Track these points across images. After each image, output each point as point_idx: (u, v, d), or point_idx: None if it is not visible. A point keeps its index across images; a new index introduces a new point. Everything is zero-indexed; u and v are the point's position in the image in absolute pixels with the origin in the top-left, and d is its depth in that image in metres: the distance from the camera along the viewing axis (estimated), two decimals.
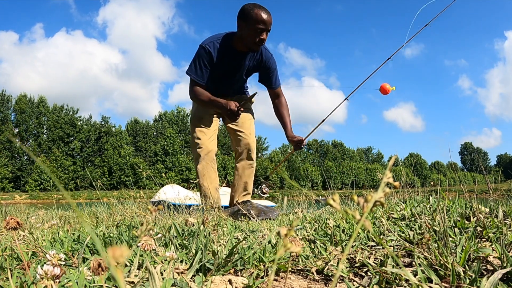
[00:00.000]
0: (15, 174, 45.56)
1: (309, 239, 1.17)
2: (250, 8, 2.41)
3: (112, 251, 0.27)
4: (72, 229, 1.60)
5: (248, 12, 2.40)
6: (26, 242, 1.21)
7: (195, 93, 2.57)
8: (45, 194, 40.41)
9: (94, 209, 2.34)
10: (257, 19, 2.37)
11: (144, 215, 1.95)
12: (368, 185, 43.25)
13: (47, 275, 0.63)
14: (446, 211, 1.32)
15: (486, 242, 0.99)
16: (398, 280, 0.79)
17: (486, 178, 1.66)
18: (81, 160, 48.76)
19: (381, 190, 0.34)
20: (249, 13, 2.40)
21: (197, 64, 2.53)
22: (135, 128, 54.22)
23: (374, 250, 1.03)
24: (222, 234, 1.30)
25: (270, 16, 2.42)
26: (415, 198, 1.74)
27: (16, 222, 0.74)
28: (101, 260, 0.56)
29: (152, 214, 0.57)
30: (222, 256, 0.90)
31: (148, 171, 3.55)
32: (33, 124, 48.20)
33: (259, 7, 2.42)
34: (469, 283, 0.73)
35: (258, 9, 2.39)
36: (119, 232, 1.24)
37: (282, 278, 0.90)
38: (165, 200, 3.30)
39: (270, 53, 2.70)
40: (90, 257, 0.98)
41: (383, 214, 1.40)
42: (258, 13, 2.37)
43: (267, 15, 2.39)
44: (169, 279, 0.71)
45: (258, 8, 2.40)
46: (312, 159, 63.91)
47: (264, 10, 2.41)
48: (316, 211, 2.05)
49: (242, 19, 2.45)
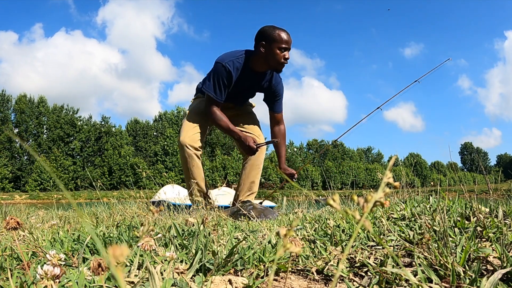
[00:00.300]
0: (15, 174, 45.56)
1: (309, 239, 1.17)
2: (271, 29, 2.53)
3: (113, 250, 0.27)
4: (72, 229, 1.60)
5: (271, 33, 2.51)
6: (26, 242, 1.21)
7: (214, 116, 2.58)
8: (45, 194, 40.41)
9: (94, 209, 2.34)
10: (281, 39, 2.49)
11: (144, 215, 1.95)
12: (368, 185, 43.25)
13: (47, 275, 0.63)
14: (446, 211, 1.32)
15: (486, 242, 0.99)
16: (398, 280, 0.79)
17: (486, 178, 1.66)
18: (81, 160, 48.76)
19: (381, 190, 0.34)
20: (272, 34, 2.51)
21: (216, 82, 2.54)
22: (135, 128, 54.22)
23: (374, 250, 1.03)
24: (222, 234, 1.30)
25: (290, 36, 2.54)
26: (415, 198, 1.74)
27: (16, 222, 0.74)
28: (101, 260, 0.56)
29: (154, 215, 0.57)
30: (222, 256, 0.90)
31: (148, 171, 3.55)
32: (33, 124, 48.20)
33: (280, 28, 2.55)
34: (469, 283, 0.73)
35: (279, 30, 2.52)
36: (119, 232, 1.24)
37: (282, 278, 0.90)
38: (165, 200, 3.30)
39: (280, 78, 2.78)
40: (90, 257, 0.98)
41: (383, 214, 1.40)
42: (280, 33, 2.50)
43: (288, 35, 2.52)
44: (169, 279, 0.71)
45: (279, 29, 2.52)
46: (312, 159, 63.89)
47: (285, 31, 2.53)
48: (316, 211, 2.05)
49: (264, 40, 2.54)
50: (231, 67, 2.52)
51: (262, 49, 2.53)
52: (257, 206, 2.44)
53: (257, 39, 2.56)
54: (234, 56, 2.57)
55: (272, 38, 2.50)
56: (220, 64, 2.52)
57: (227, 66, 2.50)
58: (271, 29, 2.52)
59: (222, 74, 2.52)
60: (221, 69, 2.51)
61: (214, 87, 2.54)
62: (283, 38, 2.48)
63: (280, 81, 2.78)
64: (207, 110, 2.61)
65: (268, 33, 2.52)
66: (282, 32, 2.50)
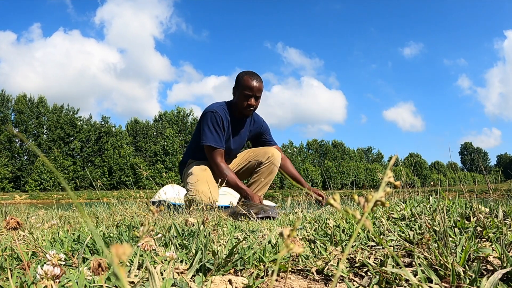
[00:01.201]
0: (15, 174, 45.57)
1: (309, 239, 1.17)
2: (241, 75, 2.58)
3: (115, 249, 0.27)
4: (72, 229, 1.60)
5: (238, 79, 2.57)
6: (26, 242, 1.21)
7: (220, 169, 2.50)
8: (45, 194, 40.42)
9: (94, 209, 2.34)
10: (244, 85, 2.52)
11: (144, 215, 1.95)
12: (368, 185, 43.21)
13: (47, 275, 0.63)
14: (446, 211, 1.32)
15: (486, 242, 0.99)
16: (398, 280, 0.79)
17: (486, 178, 1.66)
18: (81, 160, 48.78)
19: (381, 189, 0.34)
20: (239, 79, 2.56)
21: (212, 129, 2.52)
22: (135, 128, 54.23)
23: (374, 250, 1.03)
24: (222, 234, 1.30)
25: (258, 82, 2.53)
26: (415, 198, 1.74)
27: (16, 222, 0.74)
28: (101, 260, 0.56)
29: (154, 215, 0.57)
30: (222, 256, 0.90)
31: (148, 171, 3.54)
32: (33, 124, 48.19)
33: (249, 74, 2.56)
34: (469, 283, 0.73)
35: (247, 76, 2.53)
36: (119, 232, 1.24)
37: (282, 278, 0.90)
38: (165, 200, 3.29)
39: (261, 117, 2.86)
40: (90, 257, 0.98)
41: (383, 214, 1.40)
42: (246, 79, 2.52)
43: (255, 82, 2.52)
44: (169, 279, 0.71)
45: (248, 75, 2.54)
46: (312, 159, 63.90)
47: (253, 77, 2.53)
48: (316, 211, 2.05)
49: (235, 86, 2.61)
50: (221, 112, 2.54)
51: (233, 94, 2.61)
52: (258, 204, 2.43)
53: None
54: (219, 104, 2.62)
55: (239, 83, 2.55)
56: (210, 112, 2.53)
57: (217, 111, 2.53)
58: (241, 74, 2.57)
59: (215, 120, 2.52)
60: (212, 115, 2.52)
61: (212, 134, 2.51)
62: (247, 84, 2.51)
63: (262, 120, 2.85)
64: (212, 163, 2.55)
65: (238, 79, 2.58)
66: (249, 77, 2.52)
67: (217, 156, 2.52)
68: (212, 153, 2.52)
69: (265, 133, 2.87)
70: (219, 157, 2.53)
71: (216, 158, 2.52)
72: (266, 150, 2.79)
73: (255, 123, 2.81)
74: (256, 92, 2.52)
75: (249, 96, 2.52)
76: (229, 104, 2.64)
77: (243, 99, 2.53)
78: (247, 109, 2.55)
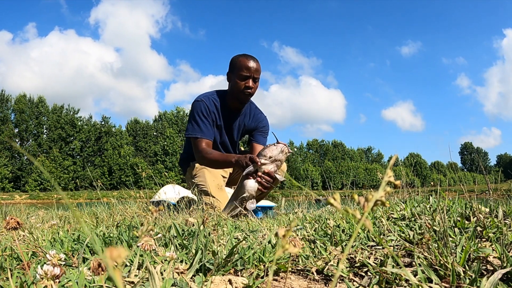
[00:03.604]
0: (15, 174, 45.58)
1: (309, 239, 1.17)
2: (236, 57, 2.39)
3: (110, 252, 0.26)
4: (72, 229, 1.60)
5: (234, 61, 2.37)
6: (26, 242, 1.21)
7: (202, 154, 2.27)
8: (45, 194, 40.43)
9: (94, 209, 2.34)
10: (240, 65, 2.31)
11: (144, 215, 1.94)
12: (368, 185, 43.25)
13: (47, 275, 0.63)
14: (446, 211, 1.32)
15: (486, 242, 0.99)
16: (398, 280, 0.79)
17: (486, 178, 1.66)
18: (81, 160, 48.79)
19: (381, 189, 0.34)
20: (235, 62, 2.36)
21: (198, 119, 2.34)
22: (135, 128, 54.25)
23: (374, 250, 1.03)
24: (222, 234, 1.30)
25: (255, 63, 2.33)
26: (415, 198, 1.74)
27: (16, 222, 0.74)
28: (101, 260, 0.56)
29: (153, 214, 0.57)
30: (222, 256, 0.90)
31: (148, 171, 3.54)
32: (33, 124, 48.21)
33: (245, 55, 2.37)
34: (469, 283, 0.73)
35: (242, 57, 2.35)
36: (119, 232, 1.24)
37: (282, 278, 0.90)
38: (165, 200, 3.29)
39: (263, 115, 2.63)
40: (90, 257, 0.98)
41: (383, 214, 1.40)
42: (242, 59, 2.33)
43: (252, 61, 2.32)
44: (169, 279, 0.71)
45: (243, 56, 2.36)
46: (312, 159, 63.92)
47: (250, 57, 2.34)
48: (316, 211, 2.04)
49: (229, 70, 2.41)
50: (207, 101, 2.38)
51: (228, 80, 2.42)
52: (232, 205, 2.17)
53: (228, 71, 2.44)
54: (209, 93, 2.46)
55: (235, 66, 2.36)
56: (195, 102, 2.39)
57: (203, 100, 2.37)
58: (236, 57, 2.39)
59: (200, 108, 2.35)
60: (197, 104, 2.37)
61: (198, 126, 2.33)
62: (244, 64, 2.30)
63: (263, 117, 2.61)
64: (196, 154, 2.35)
65: (232, 62, 2.39)
66: (245, 58, 2.33)
67: (201, 144, 2.31)
68: (196, 143, 2.34)
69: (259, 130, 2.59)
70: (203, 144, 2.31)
71: (200, 146, 2.31)
72: None
73: (254, 118, 2.57)
74: (254, 72, 2.31)
75: (247, 77, 2.30)
76: (220, 93, 2.46)
77: (239, 82, 2.31)
78: (244, 92, 2.32)
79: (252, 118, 2.58)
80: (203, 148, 2.31)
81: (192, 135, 2.35)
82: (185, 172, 2.69)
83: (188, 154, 2.66)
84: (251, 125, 2.59)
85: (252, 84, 2.33)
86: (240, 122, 2.54)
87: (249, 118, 2.57)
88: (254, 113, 2.60)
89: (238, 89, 2.33)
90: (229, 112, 2.47)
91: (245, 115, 2.55)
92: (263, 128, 2.61)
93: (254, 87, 2.36)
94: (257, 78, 2.35)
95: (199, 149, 2.32)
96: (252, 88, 2.34)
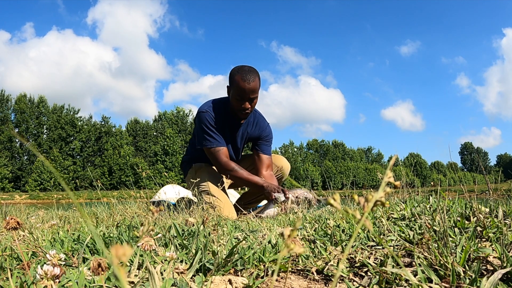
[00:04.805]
0: (15, 174, 45.60)
1: (309, 239, 1.17)
2: (234, 72, 2.32)
3: (115, 250, 0.26)
4: (72, 229, 1.60)
5: (231, 77, 2.33)
6: (26, 242, 1.21)
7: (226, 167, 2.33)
8: (45, 194, 40.42)
9: (94, 209, 2.34)
10: (237, 87, 2.27)
11: (144, 215, 1.95)
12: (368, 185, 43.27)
13: (47, 275, 0.63)
14: (446, 211, 1.32)
15: (486, 242, 0.99)
16: (398, 280, 0.79)
17: (486, 178, 1.66)
18: (81, 160, 48.80)
19: (381, 189, 0.34)
20: (232, 78, 2.32)
21: (208, 130, 2.36)
22: (135, 128, 54.25)
23: (374, 250, 1.03)
24: (222, 234, 1.30)
25: (251, 83, 2.25)
26: (415, 198, 1.74)
27: (16, 222, 0.74)
28: (101, 260, 0.56)
29: (153, 215, 0.57)
30: (222, 256, 0.90)
31: (148, 171, 3.54)
32: (33, 124, 48.21)
33: (242, 72, 2.27)
34: (469, 283, 0.73)
35: (238, 76, 2.26)
36: (119, 232, 1.24)
37: (282, 278, 0.90)
38: (165, 200, 3.29)
39: (266, 122, 2.63)
40: (90, 257, 0.98)
41: (383, 214, 1.40)
42: (238, 79, 2.25)
43: (246, 83, 2.24)
44: (169, 279, 0.71)
45: (240, 74, 2.26)
46: (312, 159, 63.91)
47: (246, 77, 2.24)
48: (316, 211, 2.05)
49: (229, 83, 2.38)
50: (211, 111, 2.38)
51: (227, 94, 2.42)
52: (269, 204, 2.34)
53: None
54: (211, 102, 2.45)
55: (231, 83, 2.33)
56: (200, 113, 2.39)
57: (208, 111, 2.37)
58: (234, 72, 2.32)
59: (206, 119, 2.36)
60: (203, 115, 2.37)
61: (211, 136, 2.36)
62: (239, 87, 2.25)
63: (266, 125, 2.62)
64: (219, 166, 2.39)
65: (230, 76, 2.35)
66: (240, 79, 2.25)
67: (221, 156, 2.37)
68: (214, 155, 2.38)
69: (263, 140, 2.61)
70: (224, 157, 2.37)
71: (221, 158, 2.36)
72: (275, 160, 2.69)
73: (257, 126, 2.59)
74: (249, 94, 2.27)
75: (242, 100, 2.29)
76: (223, 101, 2.46)
77: (235, 102, 2.31)
78: (241, 112, 2.35)
79: (255, 126, 2.59)
80: (226, 161, 2.37)
81: (209, 146, 2.38)
82: (186, 174, 2.71)
83: (191, 157, 2.70)
84: (254, 133, 2.60)
85: (248, 105, 2.33)
86: (243, 130, 2.56)
87: (252, 126, 2.59)
88: (257, 120, 2.60)
89: (236, 107, 2.35)
90: (232, 120, 2.49)
91: (248, 123, 2.57)
92: (266, 137, 2.63)
93: (251, 107, 2.36)
94: (254, 98, 2.34)
95: (220, 161, 2.37)
96: (248, 109, 2.35)
